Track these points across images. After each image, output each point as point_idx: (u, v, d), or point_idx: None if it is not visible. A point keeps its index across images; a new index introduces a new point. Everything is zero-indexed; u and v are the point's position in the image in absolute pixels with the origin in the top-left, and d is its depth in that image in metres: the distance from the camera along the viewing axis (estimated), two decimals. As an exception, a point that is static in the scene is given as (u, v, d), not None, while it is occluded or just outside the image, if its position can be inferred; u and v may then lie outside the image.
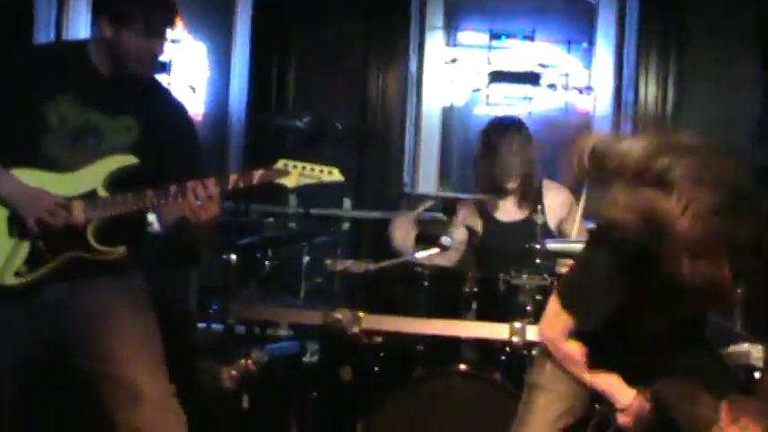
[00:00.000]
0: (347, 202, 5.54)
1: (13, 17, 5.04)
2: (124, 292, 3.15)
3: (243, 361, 3.73)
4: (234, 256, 3.63)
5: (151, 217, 3.40)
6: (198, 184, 2.99)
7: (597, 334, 2.80)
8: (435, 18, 5.87)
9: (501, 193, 4.36)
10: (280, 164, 3.06)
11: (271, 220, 4.84)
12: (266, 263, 4.26)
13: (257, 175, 3.05)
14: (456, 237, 4.36)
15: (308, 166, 3.07)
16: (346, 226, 5.49)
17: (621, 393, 2.86)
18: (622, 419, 2.87)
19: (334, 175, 3.10)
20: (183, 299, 4.45)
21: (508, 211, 4.39)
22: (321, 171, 3.09)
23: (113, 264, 3.08)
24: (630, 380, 2.87)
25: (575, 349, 2.86)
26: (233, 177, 3.05)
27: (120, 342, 3.09)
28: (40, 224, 2.98)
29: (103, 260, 3.05)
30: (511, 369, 3.68)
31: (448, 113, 5.90)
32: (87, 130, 3.07)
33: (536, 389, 2.99)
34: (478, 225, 4.44)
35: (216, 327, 4.16)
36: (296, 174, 3.05)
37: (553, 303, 2.88)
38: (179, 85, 5.74)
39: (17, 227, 3.01)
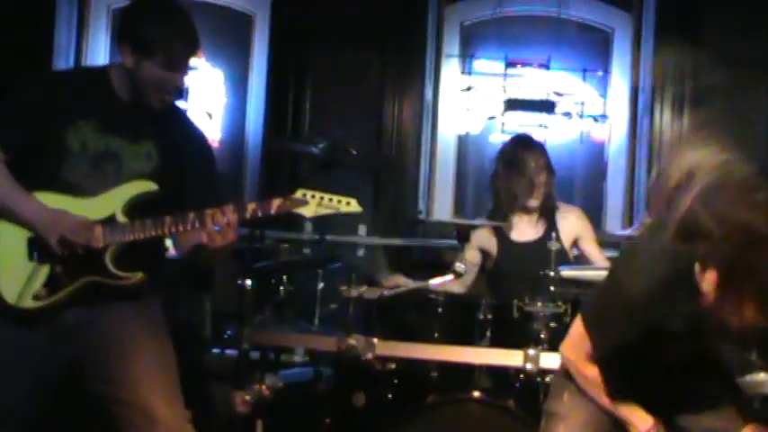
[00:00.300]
0: (362, 229, 5.55)
1: (33, 43, 5.09)
2: (141, 318, 3.16)
3: (257, 386, 3.72)
4: (249, 282, 3.63)
5: (167, 242, 3.42)
6: (216, 212, 3.01)
7: (617, 359, 2.78)
8: (451, 46, 5.91)
9: (523, 210, 4.37)
10: (298, 193, 3.06)
11: (286, 245, 4.84)
12: (281, 288, 4.26)
13: (275, 204, 3.06)
14: (470, 260, 4.38)
15: (327, 196, 3.07)
16: (361, 252, 5.51)
17: (641, 420, 2.82)
18: None
19: (352, 206, 3.11)
20: (198, 324, 4.46)
21: (524, 231, 4.41)
22: (339, 202, 3.09)
23: (131, 289, 3.09)
24: (650, 408, 2.83)
25: (596, 373, 2.83)
26: (251, 206, 3.06)
27: (136, 367, 3.09)
28: (62, 243, 2.99)
29: (121, 285, 3.07)
30: (524, 396, 3.66)
31: (463, 141, 5.92)
32: (107, 156, 3.09)
33: (554, 418, 2.94)
34: (494, 247, 4.45)
35: (230, 352, 4.16)
36: (314, 204, 3.06)
37: (578, 324, 2.82)
38: (196, 111, 5.77)
39: (37, 250, 3.03)
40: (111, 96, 3.13)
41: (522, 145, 4.46)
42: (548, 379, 3.46)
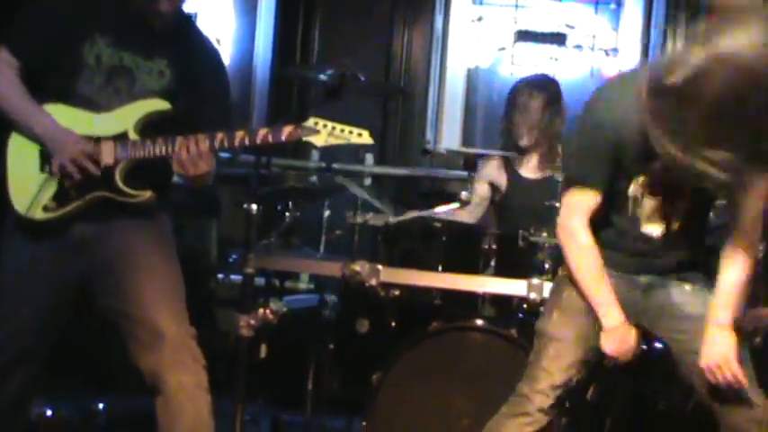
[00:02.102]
0: (369, 158, 5.54)
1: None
2: (150, 235, 3.18)
3: (261, 310, 3.74)
4: (254, 207, 3.63)
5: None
6: (190, 141, 2.99)
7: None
8: (464, -24, 5.85)
9: (518, 150, 4.36)
10: (310, 122, 3.05)
11: (292, 173, 4.84)
12: (287, 215, 4.27)
13: (286, 131, 3.05)
14: (479, 193, 4.38)
15: (338, 126, 3.06)
16: (368, 181, 5.50)
17: (610, 314, 2.85)
18: (604, 342, 2.85)
19: (364, 137, 3.10)
20: (204, 249, 4.48)
21: (532, 168, 4.41)
22: (351, 132, 3.08)
23: (139, 207, 3.10)
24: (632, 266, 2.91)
25: (590, 240, 2.85)
26: (262, 132, 3.04)
27: (144, 283, 3.12)
28: (63, 170, 3.01)
29: (130, 203, 3.08)
30: (527, 325, 3.66)
31: (473, 72, 5.89)
32: (120, 71, 3.08)
33: (544, 338, 2.97)
34: (503, 181, 4.44)
35: (235, 277, 4.18)
36: (325, 133, 3.05)
37: (565, 196, 2.90)
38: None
39: (48, 163, 3.05)
40: (125, 12, 3.11)
41: (525, 84, 4.43)
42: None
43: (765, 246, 3.56)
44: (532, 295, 3.63)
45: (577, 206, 2.88)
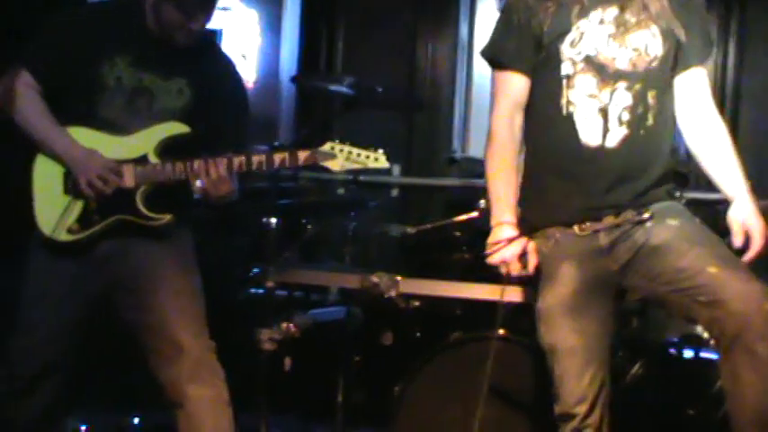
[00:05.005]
0: (396, 169, 5.53)
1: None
2: (172, 250, 3.22)
3: (284, 324, 3.74)
4: (273, 220, 3.64)
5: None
6: (209, 165, 3.03)
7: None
8: (486, -18, 5.83)
9: None
10: (327, 146, 3.05)
11: (315, 185, 4.85)
12: (308, 227, 4.27)
13: (303, 156, 3.06)
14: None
15: (355, 150, 3.05)
16: (395, 192, 5.49)
17: (503, 214, 2.79)
18: (490, 238, 2.81)
19: (380, 161, 3.09)
20: (226, 263, 4.49)
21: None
22: (368, 157, 3.07)
23: (161, 229, 3.14)
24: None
25: (507, 142, 2.80)
26: (279, 157, 3.07)
27: (165, 297, 3.17)
28: (90, 187, 3.05)
29: (151, 225, 3.11)
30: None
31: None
32: (140, 92, 3.12)
33: (555, 353, 2.86)
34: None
35: (257, 290, 4.19)
36: (342, 157, 3.05)
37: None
38: (230, 53, 5.75)
39: (72, 185, 3.09)
40: (145, 31, 3.14)
41: None
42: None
43: None
44: (553, 303, 3.58)
45: (501, 98, 2.81)
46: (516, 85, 2.81)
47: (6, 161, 3.18)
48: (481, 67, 5.79)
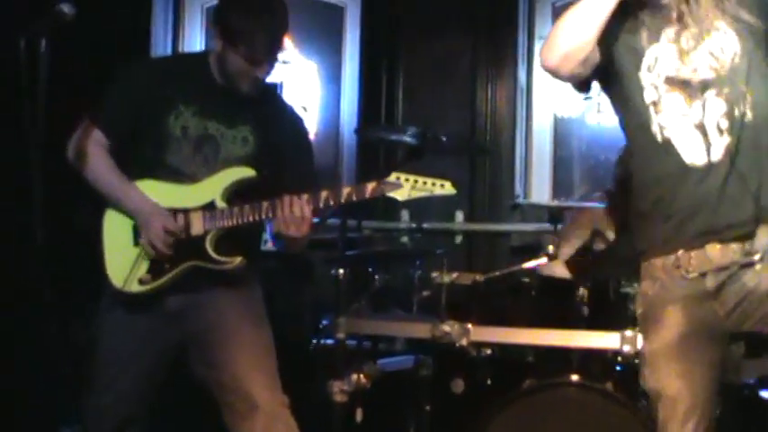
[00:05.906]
0: (459, 215, 5.52)
1: (130, 29, 5.17)
2: (242, 303, 3.24)
3: (354, 375, 3.74)
4: (341, 271, 3.65)
5: (265, 235, 3.46)
6: (290, 201, 3.04)
7: None
8: (544, 26, 5.83)
9: None
10: (392, 177, 3.07)
11: (380, 234, 4.86)
12: (376, 277, 4.27)
13: (370, 188, 3.08)
14: (573, 244, 4.29)
15: (420, 179, 3.07)
16: (459, 239, 5.48)
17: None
18: None
19: (446, 188, 3.10)
20: (297, 314, 4.50)
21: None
22: (433, 184, 3.09)
23: (232, 274, 3.15)
24: None
25: None
26: (346, 190, 3.08)
27: (237, 353, 3.18)
28: (151, 248, 3.09)
29: (222, 270, 3.13)
30: (623, 379, 3.59)
31: (560, 123, 5.83)
32: (205, 140, 3.16)
33: (658, 399, 2.72)
34: (610, 231, 4.33)
35: (327, 341, 4.19)
36: (408, 187, 3.06)
37: None
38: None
39: (141, 237, 3.12)
40: (209, 81, 3.19)
41: None
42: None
43: None
44: (626, 348, 3.52)
45: None
46: None
47: (79, 217, 3.25)
48: (540, 111, 5.80)
